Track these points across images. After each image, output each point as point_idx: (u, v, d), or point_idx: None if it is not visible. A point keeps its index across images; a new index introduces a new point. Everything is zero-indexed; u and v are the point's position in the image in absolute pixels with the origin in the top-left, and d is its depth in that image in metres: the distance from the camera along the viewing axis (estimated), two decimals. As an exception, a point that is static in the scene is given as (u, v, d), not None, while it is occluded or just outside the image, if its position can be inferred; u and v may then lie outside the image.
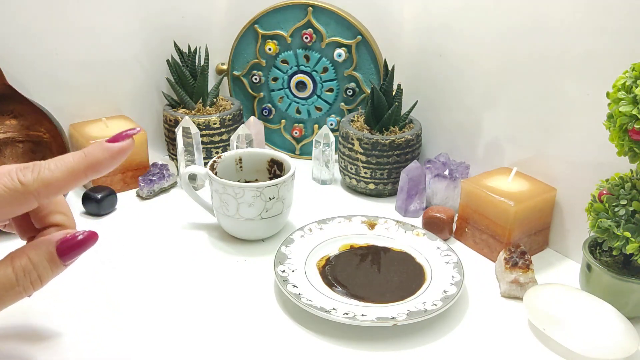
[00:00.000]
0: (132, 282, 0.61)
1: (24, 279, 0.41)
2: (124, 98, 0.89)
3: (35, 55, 0.79)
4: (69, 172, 0.41)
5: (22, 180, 0.40)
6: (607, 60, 0.59)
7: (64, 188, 0.41)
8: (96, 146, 0.42)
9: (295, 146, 0.94)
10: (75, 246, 0.43)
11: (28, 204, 0.41)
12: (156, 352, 0.52)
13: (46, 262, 0.42)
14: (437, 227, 0.70)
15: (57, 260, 0.43)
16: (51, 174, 0.40)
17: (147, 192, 0.79)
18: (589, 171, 0.62)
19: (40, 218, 0.46)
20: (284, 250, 0.64)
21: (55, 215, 0.46)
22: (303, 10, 0.86)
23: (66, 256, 0.43)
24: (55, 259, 0.42)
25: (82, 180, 0.42)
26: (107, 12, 0.83)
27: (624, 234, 0.52)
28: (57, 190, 0.41)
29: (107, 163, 0.42)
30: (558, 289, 0.56)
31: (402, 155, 0.78)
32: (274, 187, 0.65)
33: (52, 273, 0.43)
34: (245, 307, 0.58)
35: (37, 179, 0.40)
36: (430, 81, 0.82)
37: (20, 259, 0.41)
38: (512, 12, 0.68)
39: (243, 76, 0.93)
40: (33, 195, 0.40)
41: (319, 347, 0.53)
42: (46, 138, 0.80)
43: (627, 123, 0.49)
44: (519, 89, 0.69)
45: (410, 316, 0.54)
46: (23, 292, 0.42)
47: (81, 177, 0.41)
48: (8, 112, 0.79)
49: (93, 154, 0.42)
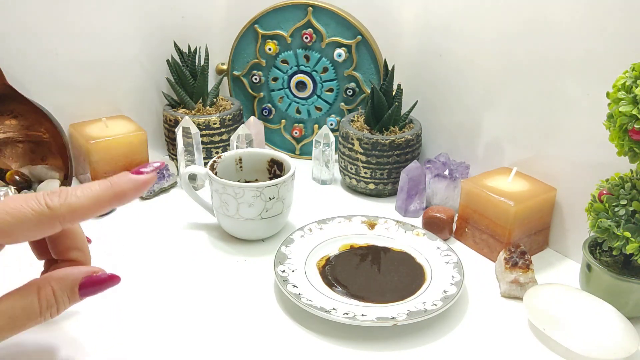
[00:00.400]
0: (132, 282, 0.61)
1: (46, 311, 0.43)
2: (124, 98, 0.89)
3: (35, 55, 0.79)
4: (95, 200, 0.42)
5: (50, 204, 0.41)
6: (607, 60, 0.59)
7: (88, 215, 0.43)
8: (122, 177, 0.44)
9: (295, 146, 0.94)
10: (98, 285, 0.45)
11: (52, 228, 0.42)
12: (156, 352, 0.52)
13: (67, 296, 0.44)
14: (437, 227, 0.70)
15: (76, 295, 0.44)
16: (78, 200, 0.42)
17: (147, 192, 0.79)
18: (589, 171, 0.62)
19: (59, 251, 0.48)
20: (284, 250, 0.64)
21: (73, 252, 0.48)
22: (303, 10, 0.86)
23: (86, 292, 0.45)
24: (76, 293, 0.44)
25: (106, 209, 0.43)
26: (107, 12, 0.83)
27: (624, 234, 0.52)
28: (81, 217, 0.42)
29: (131, 194, 0.44)
30: (558, 289, 0.56)
31: (402, 155, 0.78)
32: (274, 187, 0.65)
33: (68, 305, 0.44)
34: (245, 307, 0.58)
35: (64, 204, 0.41)
36: (430, 81, 0.82)
37: (45, 290, 0.43)
38: (512, 12, 0.68)
39: (243, 76, 0.93)
40: (59, 219, 0.41)
41: (319, 347, 0.53)
42: (46, 138, 0.80)
43: (627, 123, 0.49)
44: (519, 89, 0.69)
45: (410, 316, 0.54)
46: (42, 321, 0.43)
47: (106, 205, 0.43)
48: (8, 112, 0.79)
49: (119, 185, 0.43)
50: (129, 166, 0.80)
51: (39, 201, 0.41)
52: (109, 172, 0.79)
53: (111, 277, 0.46)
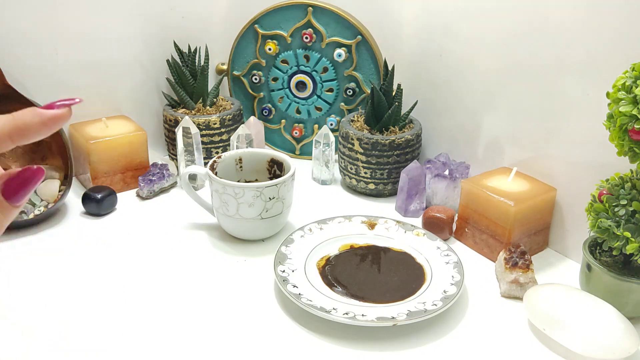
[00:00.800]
0: (132, 282, 0.61)
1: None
2: (124, 98, 0.89)
3: (35, 55, 0.79)
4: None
5: None
6: (607, 60, 0.59)
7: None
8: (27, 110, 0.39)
9: (295, 146, 0.94)
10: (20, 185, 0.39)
11: None
12: (156, 352, 0.52)
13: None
14: (437, 227, 0.70)
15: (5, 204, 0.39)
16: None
17: (147, 192, 0.79)
18: (589, 171, 0.62)
19: None
20: (284, 250, 0.64)
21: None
22: (303, 10, 0.86)
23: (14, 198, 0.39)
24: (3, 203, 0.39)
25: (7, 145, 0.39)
26: (107, 13, 0.83)
27: (624, 234, 0.52)
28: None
29: (36, 129, 0.39)
30: (558, 289, 0.56)
31: (402, 155, 0.78)
32: (274, 187, 0.65)
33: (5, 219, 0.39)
34: (245, 307, 0.58)
35: None
36: (430, 81, 0.82)
37: None
38: (512, 12, 0.68)
39: (243, 76, 0.93)
40: None
41: (319, 347, 0.53)
42: (46, 138, 0.80)
43: (627, 123, 0.49)
44: (519, 89, 0.69)
45: (410, 316, 0.54)
46: None
47: (5, 140, 0.38)
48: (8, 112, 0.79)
49: (22, 118, 0.39)
50: (129, 166, 0.80)
51: None
52: (108, 172, 0.79)
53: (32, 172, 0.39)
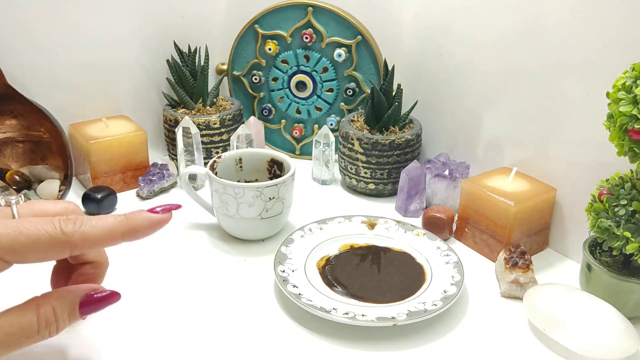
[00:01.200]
0: (132, 282, 0.61)
1: (44, 329, 0.42)
2: (124, 98, 0.89)
3: (35, 55, 0.79)
4: (109, 232, 0.43)
5: (64, 230, 0.41)
6: (607, 60, 0.59)
7: (99, 245, 0.43)
8: (138, 213, 0.45)
9: (295, 146, 0.94)
10: (98, 303, 0.45)
11: (62, 253, 0.42)
12: (156, 352, 0.52)
13: (67, 314, 0.43)
14: (437, 227, 0.70)
15: (77, 314, 0.44)
16: (92, 230, 0.42)
17: (147, 192, 0.79)
18: (589, 171, 0.62)
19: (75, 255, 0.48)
20: (284, 250, 0.64)
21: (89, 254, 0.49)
22: (303, 10, 0.86)
23: (86, 310, 0.44)
24: (76, 312, 0.44)
25: (118, 242, 0.44)
26: (107, 12, 0.83)
27: (624, 234, 0.52)
28: (93, 246, 0.43)
29: (145, 231, 0.45)
30: (558, 289, 0.56)
31: (402, 155, 0.78)
32: (274, 187, 0.65)
33: (69, 324, 0.44)
34: (245, 307, 0.58)
35: (78, 232, 0.42)
36: (430, 81, 0.82)
37: (45, 308, 0.42)
38: (512, 12, 0.68)
39: (243, 76, 0.93)
40: (70, 246, 0.42)
41: (319, 347, 0.53)
42: (46, 138, 0.80)
43: (627, 123, 0.49)
44: (519, 89, 0.69)
45: (410, 316, 0.54)
46: (40, 339, 0.43)
47: (118, 239, 0.44)
48: (8, 112, 0.79)
49: (134, 220, 0.44)
50: (129, 166, 0.80)
51: (54, 225, 0.41)
52: (108, 172, 0.79)
53: (112, 294, 0.45)
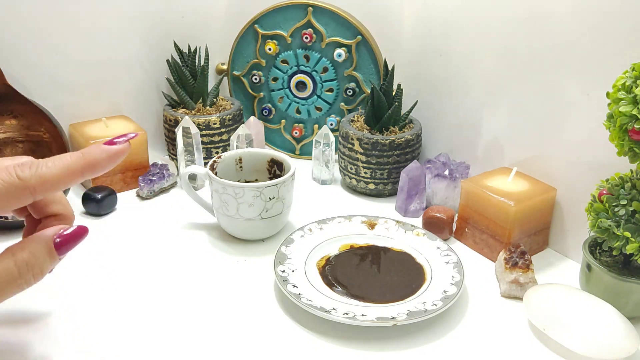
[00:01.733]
0: (132, 282, 0.61)
1: (26, 272, 0.43)
2: (124, 98, 0.89)
3: (35, 55, 0.79)
4: (66, 169, 0.43)
5: (20, 175, 0.41)
6: (607, 60, 0.59)
7: (60, 185, 0.43)
8: (94, 147, 0.44)
9: (295, 146, 0.94)
10: (70, 240, 0.45)
11: (24, 199, 0.42)
12: (156, 352, 0.52)
13: (46, 254, 0.44)
14: (437, 227, 0.70)
15: (54, 253, 0.44)
16: (49, 170, 0.42)
17: (147, 192, 0.79)
18: (589, 171, 0.62)
19: (39, 208, 0.48)
20: (284, 250, 0.64)
21: (53, 205, 0.48)
22: (303, 10, 0.86)
23: (62, 249, 0.45)
24: (53, 252, 0.44)
25: (78, 179, 0.44)
26: (107, 12, 0.83)
27: (624, 234, 0.52)
28: (53, 187, 0.43)
29: (104, 164, 0.44)
30: (558, 289, 0.56)
31: (402, 155, 0.78)
32: (274, 187, 0.65)
33: (50, 265, 0.45)
34: (245, 307, 0.58)
35: (35, 175, 0.42)
36: (430, 81, 0.82)
37: (21, 253, 0.43)
38: (512, 12, 0.68)
39: (243, 76, 0.93)
40: (29, 190, 0.42)
41: (319, 347, 0.53)
42: (46, 138, 0.80)
43: (627, 123, 0.49)
44: (519, 89, 0.69)
45: (410, 316, 0.54)
46: (24, 284, 0.43)
47: (77, 175, 0.43)
48: (8, 112, 0.79)
49: (91, 154, 0.44)
50: (129, 166, 0.80)
51: (10, 172, 0.41)
52: (108, 172, 0.79)
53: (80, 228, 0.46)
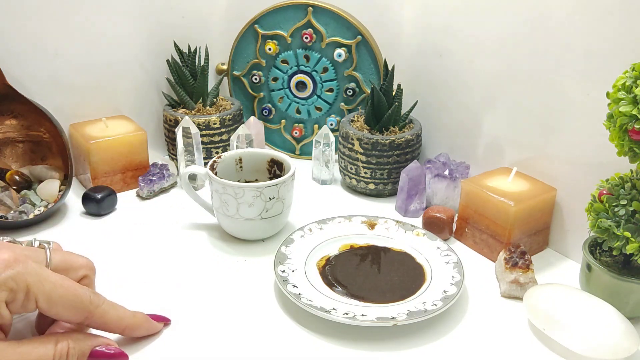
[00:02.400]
0: (131, 282, 0.61)
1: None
2: (124, 98, 0.88)
3: (35, 55, 0.79)
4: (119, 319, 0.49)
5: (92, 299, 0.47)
6: (607, 60, 0.59)
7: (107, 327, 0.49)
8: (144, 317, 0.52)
9: (295, 146, 0.94)
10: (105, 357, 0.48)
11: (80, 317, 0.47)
12: (156, 351, 0.52)
13: (76, 358, 0.46)
14: (437, 227, 0.70)
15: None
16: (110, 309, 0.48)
17: (147, 192, 0.79)
18: (589, 171, 0.62)
19: None
20: (284, 250, 0.64)
21: None
22: (303, 10, 0.86)
23: None
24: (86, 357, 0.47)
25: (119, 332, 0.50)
26: (107, 12, 0.83)
27: (624, 234, 0.52)
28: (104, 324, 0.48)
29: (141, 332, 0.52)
30: (558, 289, 0.56)
31: (402, 155, 0.78)
32: (274, 187, 0.65)
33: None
34: (245, 307, 0.58)
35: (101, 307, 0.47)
36: (430, 81, 0.82)
37: (62, 344, 0.45)
38: (512, 12, 0.68)
39: (243, 76, 0.93)
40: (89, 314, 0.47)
41: (319, 347, 0.53)
42: (46, 138, 0.80)
43: (627, 123, 0.49)
44: (519, 89, 0.69)
45: (410, 316, 0.54)
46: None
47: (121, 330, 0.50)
48: (8, 112, 0.79)
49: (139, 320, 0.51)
50: (129, 166, 0.80)
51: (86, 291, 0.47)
52: (108, 172, 0.79)
53: (120, 354, 0.49)
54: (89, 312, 0.46)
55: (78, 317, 0.46)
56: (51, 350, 0.45)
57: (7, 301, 0.43)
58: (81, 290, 0.46)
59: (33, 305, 0.44)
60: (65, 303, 0.45)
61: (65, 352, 0.45)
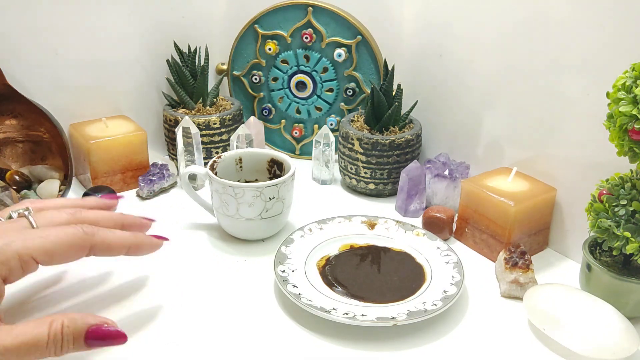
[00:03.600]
0: (131, 282, 0.61)
1: (52, 345, 0.44)
2: (124, 98, 0.89)
3: (35, 55, 0.79)
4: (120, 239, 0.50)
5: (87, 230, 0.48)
6: (607, 60, 0.59)
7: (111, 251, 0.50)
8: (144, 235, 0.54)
9: (295, 146, 0.94)
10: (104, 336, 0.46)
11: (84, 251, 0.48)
12: (156, 351, 0.52)
13: (72, 337, 0.45)
14: (437, 227, 0.70)
15: (82, 341, 0.45)
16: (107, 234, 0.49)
17: (147, 192, 0.79)
18: (589, 171, 0.62)
19: None
20: (284, 250, 0.64)
21: None
22: (303, 10, 0.86)
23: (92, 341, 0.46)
24: (82, 339, 0.45)
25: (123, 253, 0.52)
26: (107, 12, 0.83)
27: (624, 234, 0.52)
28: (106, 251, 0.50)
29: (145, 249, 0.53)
30: (558, 289, 0.56)
31: (402, 155, 0.78)
32: (274, 187, 0.65)
33: (72, 349, 0.45)
34: (245, 307, 0.58)
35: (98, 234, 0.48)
36: (430, 81, 0.82)
37: (56, 323, 0.44)
38: (512, 11, 0.68)
39: (243, 76, 0.93)
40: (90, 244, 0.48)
41: (319, 347, 0.53)
42: (46, 138, 0.80)
43: (627, 123, 0.49)
44: (519, 89, 0.69)
45: (410, 316, 0.54)
46: (47, 355, 0.44)
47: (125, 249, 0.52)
48: (8, 112, 0.79)
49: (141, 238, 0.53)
50: (129, 166, 0.80)
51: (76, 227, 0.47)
52: (108, 172, 0.79)
53: (119, 334, 0.46)
54: (89, 242, 0.47)
55: (81, 252, 0.47)
56: (45, 330, 0.44)
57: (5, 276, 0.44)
58: (71, 228, 0.46)
59: (33, 265, 0.45)
60: (62, 247, 0.45)
61: (60, 331, 0.44)
